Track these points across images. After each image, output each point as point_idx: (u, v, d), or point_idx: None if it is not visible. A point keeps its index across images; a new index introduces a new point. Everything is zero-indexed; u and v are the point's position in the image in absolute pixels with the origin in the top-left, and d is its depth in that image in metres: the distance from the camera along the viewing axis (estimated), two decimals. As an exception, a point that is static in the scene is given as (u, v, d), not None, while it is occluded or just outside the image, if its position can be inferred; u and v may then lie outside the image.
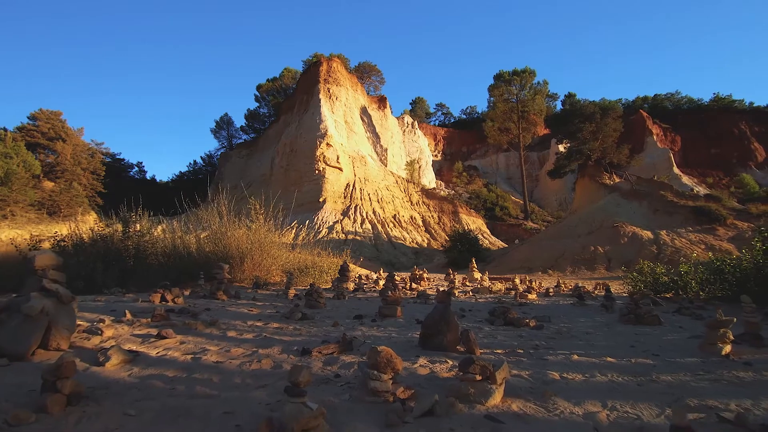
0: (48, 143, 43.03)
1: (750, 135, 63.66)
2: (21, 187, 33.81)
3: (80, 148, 46.35)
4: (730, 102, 67.42)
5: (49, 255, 3.23)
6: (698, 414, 2.31)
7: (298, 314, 5.08)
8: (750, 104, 67.88)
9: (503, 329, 4.91)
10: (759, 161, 62.26)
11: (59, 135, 43.80)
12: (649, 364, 3.44)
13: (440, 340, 3.73)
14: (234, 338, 4.05)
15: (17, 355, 2.81)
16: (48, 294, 3.04)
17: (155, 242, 8.45)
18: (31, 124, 43.61)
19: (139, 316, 4.54)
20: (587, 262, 22.52)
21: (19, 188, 33.63)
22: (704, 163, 62.41)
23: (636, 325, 5.16)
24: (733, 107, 66.73)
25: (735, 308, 6.41)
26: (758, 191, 54.21)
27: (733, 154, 62.34)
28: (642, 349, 4.00)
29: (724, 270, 7.57)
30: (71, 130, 46.20)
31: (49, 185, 39.94)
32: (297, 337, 4.18)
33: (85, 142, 48.04)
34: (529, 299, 8.60)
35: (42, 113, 45.00)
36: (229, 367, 3.08)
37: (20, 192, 33.62)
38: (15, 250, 8.82)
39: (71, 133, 45.94)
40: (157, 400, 2.37)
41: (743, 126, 64.18)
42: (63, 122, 45.41)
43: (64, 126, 45.32)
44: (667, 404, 2.47)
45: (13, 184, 33.28)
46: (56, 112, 46.04)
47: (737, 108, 66.78)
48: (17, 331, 2.85)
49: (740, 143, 62.96)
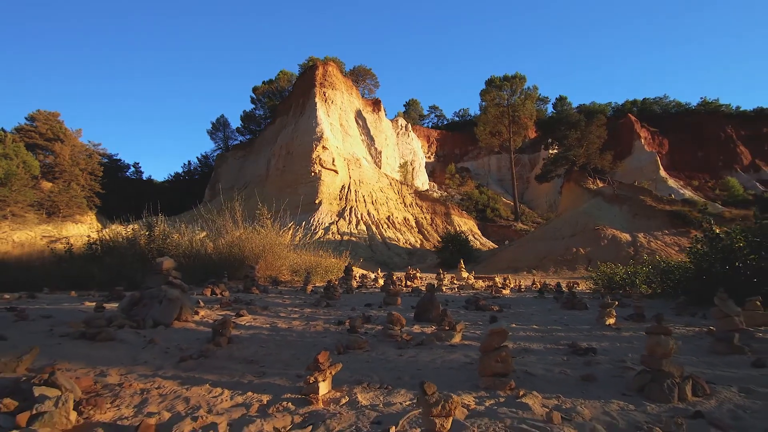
0: (46, 144, 42.92)
1: (736, 139, 64.95)
2: (21, 187, 34.13)
3: (78, 149, 46.15)
4: (717, 106, 68.63)
5: (169, 260, 4.73)
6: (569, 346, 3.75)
7: (324, 302, 6.52)
8: (737, 108, 69.10)
9: (473, 312, 6.27)
10: (744, 164, 63.61)
11: (57, 136, 43.75)
12: (557, 329, 4.86)
13: (428, 315, 5.23)
14: (286, 317, 5.37)
15: (165, 324, 4.31)
16: (173, 286, 4.59)
17: (178, 245, 9.34)
18: (29, 125, 43.40)
19: (208, 304, 5.95)
20: (569, 263, 23.60)
21: (18, 189, 33.96)
22: (691, 166, 63.58)
23: (570, 310, 6.49)
24: (720, 111, 67.89)
25: (669, 302, 7.45)
26: (742, 194, 55.79)
27: (719, 157, 63.55)
28: (561, 322, 5.42)
29: (671, 271, 8.55)
30: (69, 131, 46.01)
31: (48, 186, 40.27)
32: (329, 316, 5.56)
33: (83, 143, 47.79)
34: (503, 294, 9.67)
35: (40, 114, 44.94)
36: (297, 329, 4.58)
37: (20, 192, 33.94)
38: (30, 250, 9.65)
39: (69, 134, 45.76)
40: (270, 341, 3.90)
41: (729, 130, 65.48)
42: (61, 123, 45.38)
43: (62, 127, 45.24)
44: (547, 342, 4.02)
45: (13, 185, 33.63)
46: (54, 113, 46.04)
47: (724, 112, 67.99)
48: (165, 310, 4.40)
49: (726, 147, 64.21)
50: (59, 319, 4.64)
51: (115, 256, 9.18)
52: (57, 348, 3.37)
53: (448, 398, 1.67)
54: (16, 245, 19.37)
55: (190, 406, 2.06)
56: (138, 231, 9.77)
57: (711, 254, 7.27)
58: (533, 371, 2.71)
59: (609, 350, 3.53)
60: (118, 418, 1.91)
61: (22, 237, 30.06)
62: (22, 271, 9.34)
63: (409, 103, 76.21)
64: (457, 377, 2.64)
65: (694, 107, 69.22)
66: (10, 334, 3.76)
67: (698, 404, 2.09)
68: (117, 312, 4.30)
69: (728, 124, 65.74)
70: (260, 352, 3.40)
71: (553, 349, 3.65)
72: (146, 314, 4.25)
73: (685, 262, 8.52)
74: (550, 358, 3.23)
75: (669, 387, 2.08)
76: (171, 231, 10.47)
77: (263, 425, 1.80)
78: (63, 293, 7.66)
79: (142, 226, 9.97)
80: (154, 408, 2.02)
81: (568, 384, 2.48)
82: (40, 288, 7.77)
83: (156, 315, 4.26)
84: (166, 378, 2.51)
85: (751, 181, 60.94)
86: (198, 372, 2.67)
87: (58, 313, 5.01)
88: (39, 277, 8.14)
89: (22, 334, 3.86)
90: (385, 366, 2.92)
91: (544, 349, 3.65)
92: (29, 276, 8.66)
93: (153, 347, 3.32)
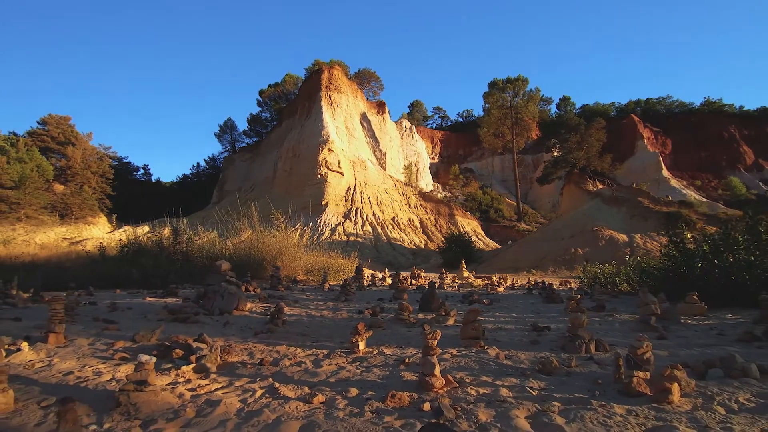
0: (58, 148, 44.01)
1: (739, 138, 65.13)
2: (34, 190, 35.59)
3: (89, 152, 47.24)
4: (721, 106, 68.67)
5: (226, 263, 6.44)
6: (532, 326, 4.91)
7: (343, 297, 7.67)
8: (740, 108, 69.10)
9: (468, 305, 7.44)
10: (747, 164, 63.80)
11: (69, 139, 44.83)
12: (531, 316, 6.10)
13: (430, 306, 6.43)
14: (315, 308, 6.58)
15: (228, 311, 5.58)
16: (231, 283, 6.32)
17: (201, 248, 10.65)
18: (42, 129, 44.60)
19: (249, 299, 6.94)
20: (567, 263, 24.69)
21: (32, 192, 35.44)
22: (694, 166, 63.85)
23: (549, 303, 7.67)
24: (723, 111, 67.92)
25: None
26: (745, 194, 56.21)
27: (723, 157, 63.77)
28: (536, 312, 6.64)
29: (649, 271, 9.67)
30: (80, 134, 47.31)
31: (60, 188, 41.80)
32: (349, 307, 6.79)
33: (94, 147, 49.06)
34: (498, 291, 10.89)
35: (51, 118, 46.28)
36: (328, 316, 5.84)
37: (33, 195, 35.39)
38: (56, 252, 10.85)
39: (80, 137, 46.90)
40: (311, 324, 5.18)
41: (733, 129, 65.66)
42: (72, 127, 46.64)
43: (73, 131, 46.43)
44: (519, 324, 5.22)
45: (27, 188, 35.12)
46: (65, 117, 47.38)
47: (727, 112, 68.04)
48: (227, 301, 5.74)
49: (729, 146, 64.42)
50: (138, 310, 5.93)
51: (149, 258, 10.45)
52: (165, 328, 4.66)
53: (434, 330, 2.88)
54: (40, 247, 20.81)
55: (281, 355, 3.32)
56: (164, 235, 10.95)
57: (678, 257, 8.43)
58: (500, 339, 3.98)
59: (561, 329, 4.72)
60: (241, 361, 3.17)
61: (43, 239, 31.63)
62: (61, 272, 10.22)
63: (413, 104, 77.32)
64: (448, 341, 3.90)
65: (697, 107, 69.46)
66: (118, 319, 5.05)
67: (595, 355, 3.31)
68: (191, 303, 5.59)
69: (731, 123, 65.94)
70: (307, 330, 4.68)
71: (521, 328, 4.87)
72: (213, 305, 5.53)
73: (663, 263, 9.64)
74: (516, 333, 4.49)
75: (579, 344, 3.30)
76: (192, 234, 11.66)
77: (330, 361, 3.07)
78: (107, 291, 8.46)
79: (152, 228, 11.12)
80: (259, 355, 3.29)
81: (520, 345, 3.73)
82: (86, 287, 8.32)
83: (221, 305, 5.56)
84: (254, 342, 3.79)
85: (755, 180, 61.10)
86: (272, 339, 3.95)
87: (135, 306, 6.31)
88: (72, 277, 8.50)
89: (125, 320, 5.15)
90: (399, 337, 4.19)
91: (515, 328, 4.83)
92: (67, 276, 9.14)
93: (231, 326, 4.61)
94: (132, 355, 3.22)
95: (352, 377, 2.83)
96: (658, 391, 2.33)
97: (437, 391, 2.49)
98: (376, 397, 2.43)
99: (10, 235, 28.98)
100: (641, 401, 2.37)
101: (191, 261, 10.13)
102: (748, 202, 47.96)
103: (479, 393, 2.53)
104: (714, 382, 2.71)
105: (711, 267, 7.39)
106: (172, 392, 2.43)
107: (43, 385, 2.64)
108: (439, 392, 2.49)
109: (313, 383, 2.70)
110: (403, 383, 2.70)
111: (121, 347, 3.48)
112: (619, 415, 2.20)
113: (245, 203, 14.05)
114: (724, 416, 2.20)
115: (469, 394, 2.51)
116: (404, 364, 3.11)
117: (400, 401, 2.30)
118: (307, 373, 2.93)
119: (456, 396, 2.47)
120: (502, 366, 3.08)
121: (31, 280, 8.31)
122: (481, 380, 2.77)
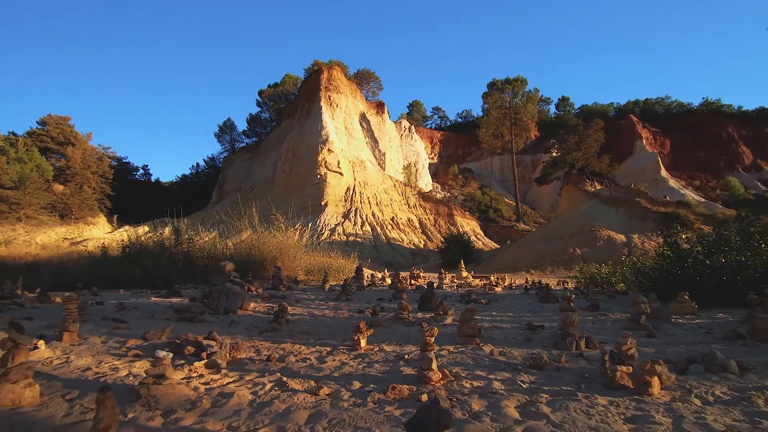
0: (58, 148, 43.93)
1: (738, 138, 65.39)
2: (34, 190, 35.62)
3: (89, 153, 47.15)
4: (719, 106, 68.85)
5: (230, 264, 6.41)
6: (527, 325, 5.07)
7: (343, 297, 7.78)
8: (738, 108, 69.32)
9: (466, 305, 7.52)
10: (746, 164, 64.07)
11: (68, 140, 44.78)
12: (526, 315, 6.22)
13: (428, 306, 6.56)
14: (317, 308, 6.71)
15: (233, 311, 5.73)
16: (235, 283, 6.32)
17: (203, 248, 10.81)
18: (41, 129, 44.49)
19: (252, 299, 7.28)
20: (566, 263, 24.89)
21: (32, 192, 35.48)
22: (692, 166, 64.09)
23: (545, 303, 7.84)
24: (722, 111, 68.12)
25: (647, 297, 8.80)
26: (743, 194, 56.46)
27: (721, 157, 63.99)
28: (532, 311, 6.79)
29: (644, 271, 9.86)
30: (80, 135, 47.25)
31: (60, 188, 41.84)
32: (350, 307, 6.94)
33: (93, 147, 49.00)
34: (495, 290, 11.05)
35: (51, 118, 46.22)
36: (329, 315, 5.97)
37: (33, 195, 35.42)
38: (57, 252, 10.95)
39: (80, 137, 46.82)
40: (313, 323, 5.35)
41: (731, 130, 65.91)
42: (71, 127, 46.56)
43: (73, 131, 46.37)
44: (514, 323, 5.35)
45: (27, 188, 35.16)
46: (65, 118, 47.32)
47: (726, 112, 68.24)
48: (232, 301, 5.86)
49: (728, 146, 64.67)
50: (145, 309, 6.10)
51: (151, 258, 10.59)
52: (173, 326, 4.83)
53: (431, 327, 3.07)
54: (41, 247, 20.94)
55: (287, 352, 3.51)
56: (166, 236, 11.09)
57: (672, 258, 8.61)
58: (495, 337, 4.16)
59: (555, 327, 4.88)
60: (250, 357, 3.35)
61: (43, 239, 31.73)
62: (63, 272, 10.27)
63: (412, 104, 77.49)
64: (446, 339, 4.09)
65: (696, 107, 69.67)
66: (127, 319, 5.22)
67: (585, 352, 3.49)
68: (197, 303, 5.76)
69: (730, 124, 66.20)
70: (310, 329, 4.86)
71: (516, 326, 5.05)
72: (218, 304, 5.71)
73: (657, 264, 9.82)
74: (511, 331, 4.68)
75: (569, 341, 3.49)
76: (193, 234, 11.80)
77: (334, 358, 3.26)
78: (110, 291, 8.50)
79: (152, 228, 11.23)
80: (266, 352, 3.47)
81: (514, 342, 3.92)
82: (90, 287, 8.35)
83: (226, 305, 5.73)
84: (260, 340, 3.97)
85: (753, 180, 61.34)
86: (277, 337, 4.13)
87: (141, 306, 6.47)
88: (74, 277, 8.52)
89: (133, 319, 5.32)
90: (399, 335, 4.38)
91: (510, 327, 5.01)
92: (69, 276, 9.23)
93: (236, 325, 4.79)
94: (145, 352, 3.40)
95: (354, 372, 3.01)
96: (639, 383, 2.52)
97: (434, 384, 2.68)
98: (378, 389, 2.61)
99: (10, 235, 29.04)
100: (623, 393, 2.56)
101: (193, 261, 10.29)
102: (746, 202, 48.25)
103: (473, 386, 2.72)
104: (694, 377, 2.89)
105: (703, 267, 7.58)
106: (188, 386, 2.60)
107: (63, 380, 2.81)
108: (436, 385, 2.67)
109: (319, 377, 2.88)
110: (403, 377, 2.88)
111: (133, 345, 3.66)
112: (601, 405, 2.38)
113: (245, 203, 14.16)
114: (699, 407, 2.38)
115: (464, 386, 2.70)
116: (404, 360, 3.30)
117: (400, 393, 2.48)
118: (312, 368, 3.11)
119: (452, 388, 2.66)
120: (496, 362, 3.27)
121: (34, 281, 8.41)
122: (475, 374, 2.96)
